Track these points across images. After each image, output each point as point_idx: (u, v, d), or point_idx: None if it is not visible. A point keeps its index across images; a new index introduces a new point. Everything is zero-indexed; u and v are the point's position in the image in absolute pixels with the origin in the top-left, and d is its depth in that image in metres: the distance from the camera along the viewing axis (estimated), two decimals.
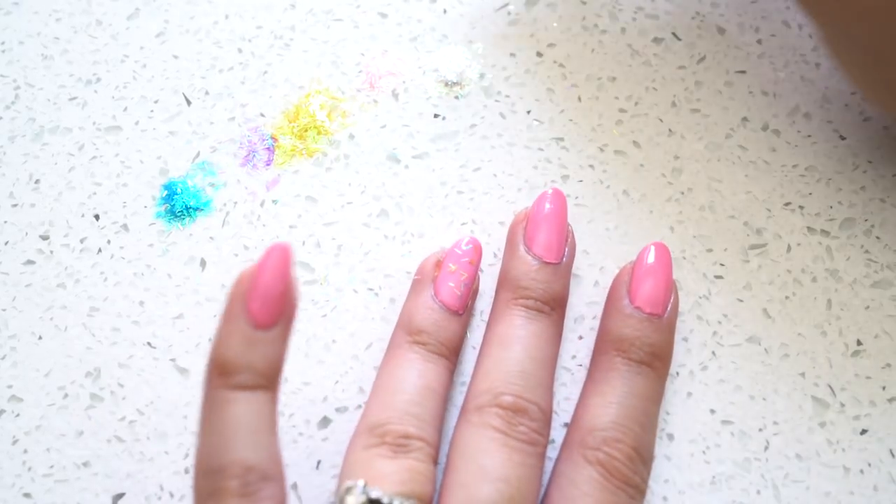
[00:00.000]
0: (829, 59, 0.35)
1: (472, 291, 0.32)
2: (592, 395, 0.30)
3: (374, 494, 0.26)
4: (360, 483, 0.27)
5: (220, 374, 0.26)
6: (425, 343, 0.31)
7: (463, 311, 0.31)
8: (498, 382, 0.29)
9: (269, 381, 0.26)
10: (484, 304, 0.33)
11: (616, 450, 0.28)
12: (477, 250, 0.32)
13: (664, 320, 0.30)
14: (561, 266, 0.31)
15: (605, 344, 0.30)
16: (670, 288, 0.31)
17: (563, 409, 0.31)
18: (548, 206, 0.32)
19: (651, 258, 0.31)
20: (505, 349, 0.30)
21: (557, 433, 0.31)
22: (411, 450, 0.28)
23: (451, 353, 0.31)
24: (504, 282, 0.32)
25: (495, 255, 0.34)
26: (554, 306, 0.31)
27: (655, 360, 0.30)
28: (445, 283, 0.32)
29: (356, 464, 0.28)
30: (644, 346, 0.30)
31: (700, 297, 0.33)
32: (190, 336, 0.33)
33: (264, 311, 0.26)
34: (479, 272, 0.33)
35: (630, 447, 0.28)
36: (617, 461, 0.28)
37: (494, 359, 0.30)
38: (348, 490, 0.27)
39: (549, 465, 0.30)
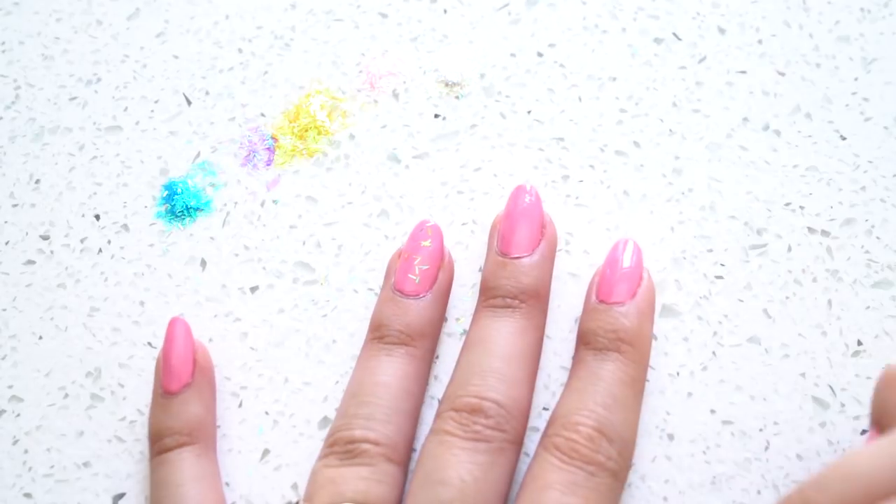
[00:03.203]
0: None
1: (433, 271, 0.31)
2: (562, 393, 0.30)
3: None
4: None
5: (152, 443, 0.31)
6: (382, 337, 0.31)
7: (425, 292, 0.31)
8: (457, 387, 0.29)
9: (191, 437, 0.30)
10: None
11: (573, 432, 0.28)
12: (432, 230, 0.32)
13: (630, 305, 0.30)
14: (532, 258, 0.31)
15: (576, 343, 0.31)
16: (635, 276, 0.30)
17: None
18: (512, 203, 0.32)
19: (611, 253, 0.31)
20: (468, 353, 0.30)
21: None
22: (356, 454, 0.28)
23: (415, 338, 0.31)
24: (480, 290, 0.32)
25: None
26: (524, 299, 0.30)
27: (622, 344, 0.29)
28: (402, 273, 0.32)
29: (310, 477, 0.29)
30: (607, 333, 0.29)
31: (700, 298, 0.33)
32: None
33: (168, 380, 0.31)
34: (445, 250, 0.33)
35: (590, 428, 0.28)
36: (573, 442, 0.28)
37: (460, 364, 0.30)
38: None
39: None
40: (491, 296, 0.31)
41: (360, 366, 0.31)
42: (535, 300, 0.31)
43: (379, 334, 0.31)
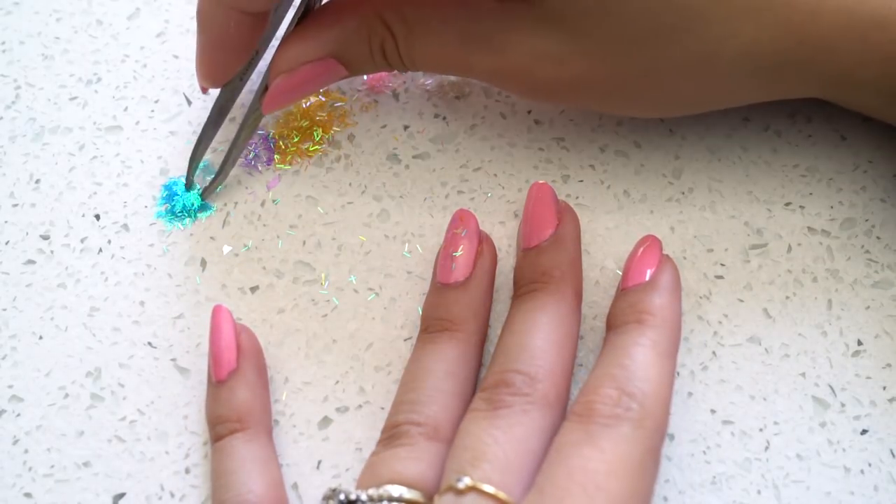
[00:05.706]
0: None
1: (469, 257, 0.32)
2: None
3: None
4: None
5: (210, 431, 0.31)
6: (427, 328, 0.31)
7: (463, 278, 0.31)
8: (486, 373, 0.30)
9: (241, 423, 0.30)
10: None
11: (594, 395, 0.27)
12: (461, 218, 0.32)
13: (647, 283, 0.30)
14: (547, 243, 0.31)
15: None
16: (651, 260, 0.31)
17: None
18: (526, 202, 0.32)
19: (633, 250, 0.31)
20: (498, 344, 0.30)
21: None
22: (397, 436, 0.29)
23: (457, 322, 0.31)
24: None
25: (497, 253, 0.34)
26: (546, 280, 0.31)
27: (641, 314, 0.29)
28: (441, 264, 0.32)
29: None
30: (625, 310, 0.30)
31: (700, 297, 0.33)
32: (190, 336, 0.33)
33: (215, 369, 0.31)
34: (483, 234, 0.33)
35: (608, 388, 0.27)
36: (590, 403, 0.27)
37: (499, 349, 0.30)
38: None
39: None
40: (516, 288, 0.31)
41: (410, 359, 0.31)
42: (557, 278, 0.31)
43: (423, 326, 0.31)
